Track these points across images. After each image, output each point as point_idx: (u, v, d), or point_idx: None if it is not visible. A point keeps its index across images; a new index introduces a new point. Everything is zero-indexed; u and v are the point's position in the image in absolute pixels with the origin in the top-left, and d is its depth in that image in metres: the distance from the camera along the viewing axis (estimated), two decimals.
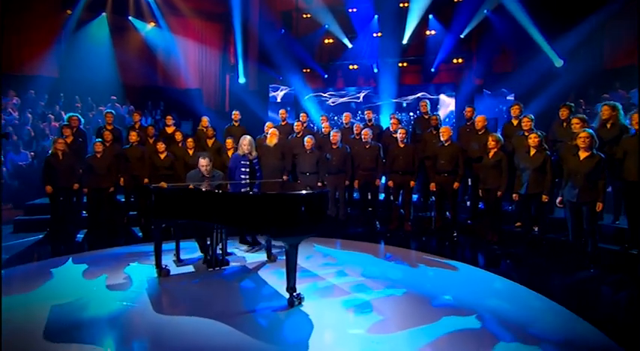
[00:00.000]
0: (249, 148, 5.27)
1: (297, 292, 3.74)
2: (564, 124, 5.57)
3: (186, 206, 4.03)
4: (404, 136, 6.44)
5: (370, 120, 7.50)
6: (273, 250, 5.16)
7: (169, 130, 7.81)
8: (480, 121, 6.12)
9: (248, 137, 5.33)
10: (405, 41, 10.52)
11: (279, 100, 12.14)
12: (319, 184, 6.71)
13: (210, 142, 7.52)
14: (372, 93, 10.96)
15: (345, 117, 7.69)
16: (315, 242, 5.77)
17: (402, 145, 6.48)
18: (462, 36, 10.14)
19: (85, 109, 11.15)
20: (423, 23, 10.42)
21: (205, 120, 7.89)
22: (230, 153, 7.19)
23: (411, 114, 10.51)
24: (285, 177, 7.21)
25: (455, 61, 10.34)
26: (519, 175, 5.34)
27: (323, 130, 7.41)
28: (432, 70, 10.45)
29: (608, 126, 5.39)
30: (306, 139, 6.94)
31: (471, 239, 5.99)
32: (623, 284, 4.32)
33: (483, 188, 5.72)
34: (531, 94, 10.08)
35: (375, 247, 5.75)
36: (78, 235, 6.48)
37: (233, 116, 7.98)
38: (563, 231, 5.37)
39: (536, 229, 5.47)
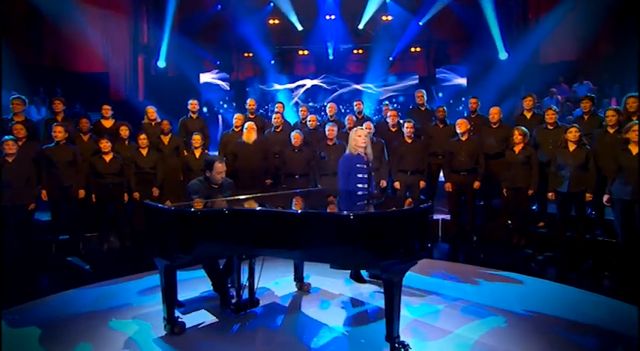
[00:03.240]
0: (366, 141, 4.06)
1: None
2: (585, 117, 5.51)
3: (242, 233, 2.86)
4: (412, 130, 5.85)
5: (360, 112, 6.77)
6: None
7: (107, 123, 6.12)
8: (495, 113, 5.82)
9: (364, 129, 4.13)
10: (361, 26, 9.95)
11: (222, 87, 10.67)
12: (319, 186, 5.80)
13: (165, 139, 6.07)
14: (328, 81, 10.22)
15: (330, 108, 6.82)
16: None
17: (409, 141, 5.89)
18: (420, 23, 9.92)
19: None
20: (380, 7, 9.96)
21: (152, 111, 6.43)
22: (198, 152, 5.90)
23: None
24: (268, 181, 6.15)
25: (413, 49, 10.11)
26: (553, 173, 5.12)
27: (309, 123, 6.46)
28: (391, 58, 10.08)
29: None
30: (293, 134, 5.97)
31: (492, 243, 5.66)
32: None
33: (510, 187, 5.41)
34: (482, 86, 10.37)
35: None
36: None
37: (190, 106, 6.59)
38: (594, 230, 5.33)
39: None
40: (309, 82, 10.46)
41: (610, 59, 9.63)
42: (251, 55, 10.44)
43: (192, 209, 2.99)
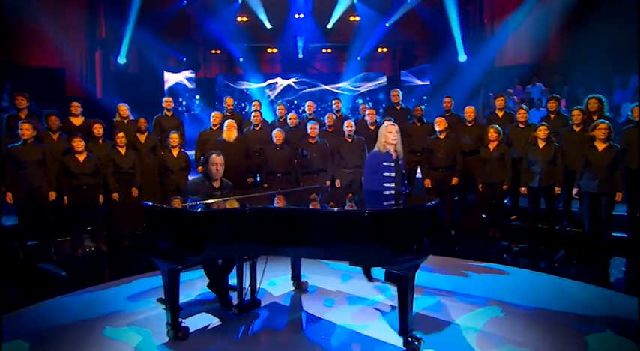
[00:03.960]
0: (396, 138, 3.79)
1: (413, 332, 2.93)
2: (552, 116, 5.83)
3: (259, 231, 2.78)
4: None
5: (339, 110, 6.78)
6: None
7: (77, 121, 5.75)
8: (470, 112, 6.03)
9: (395, 126, 3.83)
10: (330, 26, 9.97)
11: (188, 85, 10.30)
12: (301, 184, 5.74)
13: (142, 137, 5.79)
14: (298, 80, 10.16)
15: (309, 107, 6.78)
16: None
17: None
18: (387, 24, 10.09)
19: None
20: (349, 8, 10.03)
21: (124, 108, 6.10)
22: (176, 151, 5.70)
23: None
24: (250, 179, 6.03)
25: (380, 50, 10.27)
26: (525, 169, 5.37)
27: (289, 121, 6.38)
28: (359, 58, 10.18)
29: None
30: (275, 132, 5.89)
31: (469, 237, 5.85)
32: None
33: (485, 182, 5.63)
34: (444, 86, 10.74)
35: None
36: None
37: (165, 104, 6.33)
38: (562, 222, 5.64)
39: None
40: (280, 81, 10.35)
41: (559, 63, 10.27)
42: (219, 52, 10.16)
43: (212, 209, 2.86)
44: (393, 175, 3.80)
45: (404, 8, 9.82)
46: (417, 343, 2.89)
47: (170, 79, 10.46)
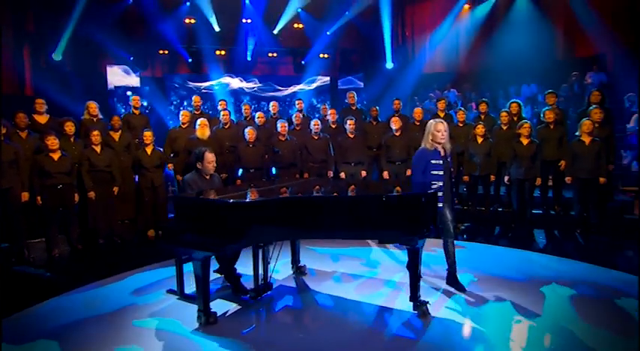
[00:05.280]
0: (444, 136, 3.59)
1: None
2: (482, 116, 6.61)
3: (296, 218, 2.90)
4: (354, 126, 6.29)
5: (301, 110, 6.97)
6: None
7: (41, 119, 5.24)
8: (419, 113, 6.61)
9: (444, 123, 3.62)
10: (276, 31, 10.08)
11: (134, 84, 9.66)
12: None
13: (116, 135, 5.47)
14: (247, 81, 10.10)
15: (273, 106, 6.88)
16: (305, 244, 4.99)
17: (351, 136, 6.32)
18: (328, 33, 10.46)
19: None
20: (294, 16, 10.23)
21: (94, 106, 5.72)
22: (149, 149, 5.48)
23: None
24: (224, 175, 5.98)
25: (321, 55, 10.61)
26: (467, 161, 6.07)
27: (258, 120, 6.43)
28: (303, 62, 10.43)
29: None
30: (247, 130, 5.97)
31: None
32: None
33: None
34: (375, 89, 11.44)
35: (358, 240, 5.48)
36: None
37: (132, 102, 6.00)
38: (493, 204, 6.44)
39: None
40: (229, 81, 10.20)
41: (469, 73, 11.51)
42: (166, 52, 9.69)
43: (252, 199, 2.92)
44: (441, 172, 3.61)
45: (343, 19, 10.27)
46: (424, 306, 3.25)
47: (116, 78, 9.76)
